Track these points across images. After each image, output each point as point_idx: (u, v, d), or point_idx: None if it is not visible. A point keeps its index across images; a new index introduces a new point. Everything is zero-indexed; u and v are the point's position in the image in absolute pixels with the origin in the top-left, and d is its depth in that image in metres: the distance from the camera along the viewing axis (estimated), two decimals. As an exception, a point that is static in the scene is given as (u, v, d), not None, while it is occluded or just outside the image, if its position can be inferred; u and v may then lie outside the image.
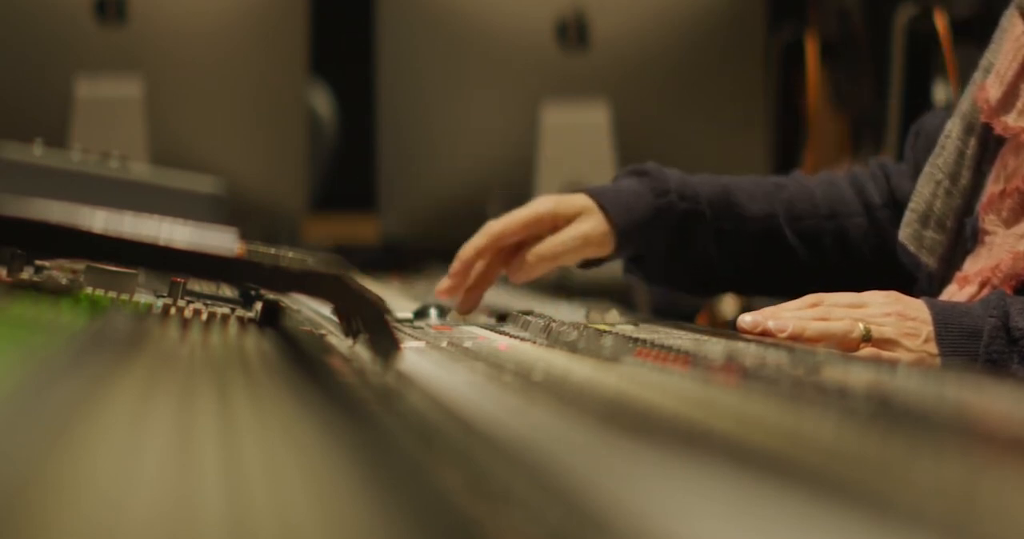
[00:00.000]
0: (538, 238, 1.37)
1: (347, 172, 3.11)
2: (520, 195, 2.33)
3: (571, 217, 1.38)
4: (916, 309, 1.16)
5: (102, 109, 2.32)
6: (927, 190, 1.32)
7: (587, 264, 1.42)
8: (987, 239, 1.25)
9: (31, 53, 2.34)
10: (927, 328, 1.15)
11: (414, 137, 2.42)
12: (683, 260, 1.43)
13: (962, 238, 1.29)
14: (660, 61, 2.38)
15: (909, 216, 1.33)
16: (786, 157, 3.03)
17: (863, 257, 1.45)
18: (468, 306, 1.38)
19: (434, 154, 2.41)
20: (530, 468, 0.52)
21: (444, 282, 1.37)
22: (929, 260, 1.30)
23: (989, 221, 1.25)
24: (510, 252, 1.38)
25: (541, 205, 1.38)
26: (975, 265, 1.25)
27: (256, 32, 2.42)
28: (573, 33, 2.37)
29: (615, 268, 1.49)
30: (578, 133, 2.35)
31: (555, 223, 1.38)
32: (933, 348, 1.14)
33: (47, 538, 0.37)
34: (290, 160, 2.47)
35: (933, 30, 2.49)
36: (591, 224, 1.38)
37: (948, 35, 2.46)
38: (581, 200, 1.40)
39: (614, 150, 2.34)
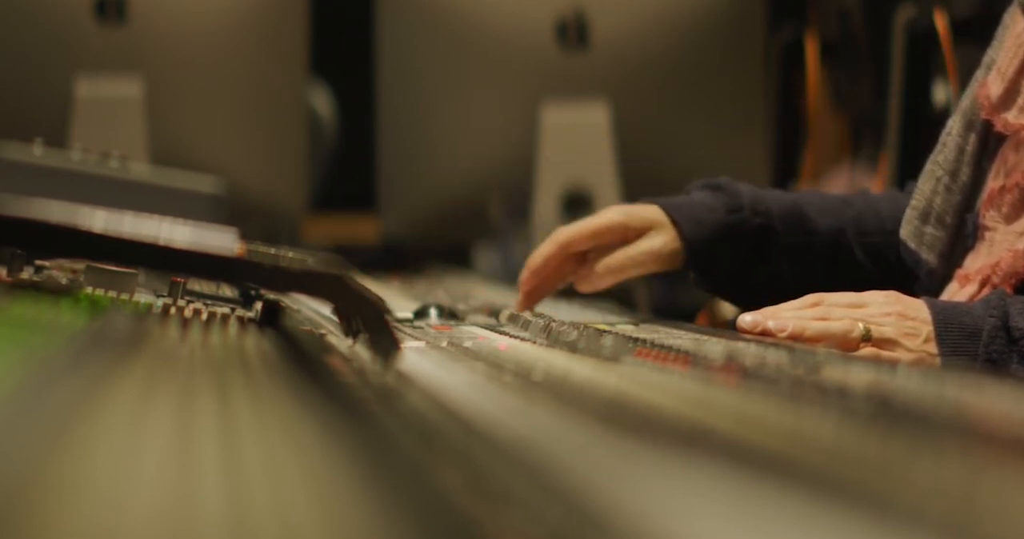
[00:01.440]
0: (607, 248, 1.37)
1: (347, 172, 3.11)
2: (520, 195, 2.34)
3: (642, 230, 1.37)
4: (916, 309, 1.16)
5: (102, 109, 2.32)
6: (927, 187, 1.32)
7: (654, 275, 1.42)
8: (987, 235, 1.25)
9: (31, 53, 2.34)
10: (927, 328, 1.15)
11: (414, 137, 2.42)
12: (753, 275, 1.42)
13: (962, 235, 1.29)
14: (660, 61, 2.38)
15: (910, 213, 1.33)
16: (786, 157, 3.03)
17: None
18: (527, 306, 1.37)
19: (434, 154, 2.41)
20: (530, 468, 0.52)
21: (520, 294, 1.37)
22: (929, 257, 1.30)
23: (989, 217, 1.25)
24: (577, 260, 1.38)
25: (612, 215, 1.37)
26: (975, 263, 1.25)
27: (256, 32, 2.42)
28: (573, 33, 2.37)
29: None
30: (578, 133, 2.35)
31: (625, 235, 1.37)
32: (933, 348, 1.14)
33: (47, 538, 0.37)
34: (290, 160, 2.47)
35: (933, 30, 2.49)
36: (662, 240, 1.37)
37: (948, 35, 2.45)
38: (653, 213, 1.38)
39: (614, 150, 2.34)
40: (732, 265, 1.41)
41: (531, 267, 1.36)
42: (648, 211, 1.39)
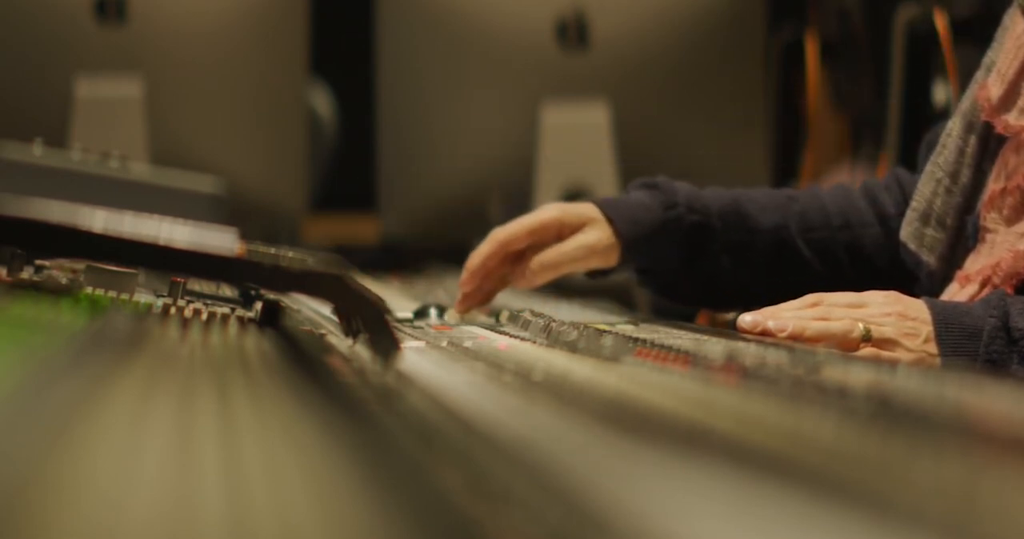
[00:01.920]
0: (543, 245, 1.37)
1: (347, 172, 3.11)
2: (520, 195, 2.34)
3: (577, 226, 1.38)
4: (916, 309, 1.16)
5: (102, 109, 2.32)
6: (928, 188, 1.32)
7: (594, 274, 1.43)
8: (988, 237, 1.25)
9: (31, 53, 2.34)
10: (927, 328, 1.15)
11: (414, 137, 2.42)
12: (695, 273, 1.43)
13: (963, 236, 1.29)
14: (660, 61, 2.38)
15: (910, 215, 1.33)
16: (786, 157, 3.03)
17: (878, 268, 1.45)
18: (467, 307, 1.38)
19: (434, 154, 2.41)
20: (530, 468, 0.52)
21: (459, 297, 1.38)
22: (929, 258, 1.31)
23: (990, 219, 1.25)
24: (515, 258, 1.39)
25: (547, 213, 1.39)
26: (976, 264, 1.25)
27: (256, 32, 2.42)
28: (573, 33, 2.37)
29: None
30: (578, 133, 2.35)
31: (560, 231, 1.38)
32: (933, 348, 1.14)
33: (47, 538, 0.37)
34: (290, 160, 2.47)
35: (933, 30, 2.49)
36: (596, 235, 1.38)
37: (948, 35, 2.46)
38: (588, 209, 1.40)
39: (614, 150, 2.34)
40: (671, 263, 1.42)
41: (470, 268, 1.38)
42: (583, 208, 1.40)
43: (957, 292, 1.26)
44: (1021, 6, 1.27)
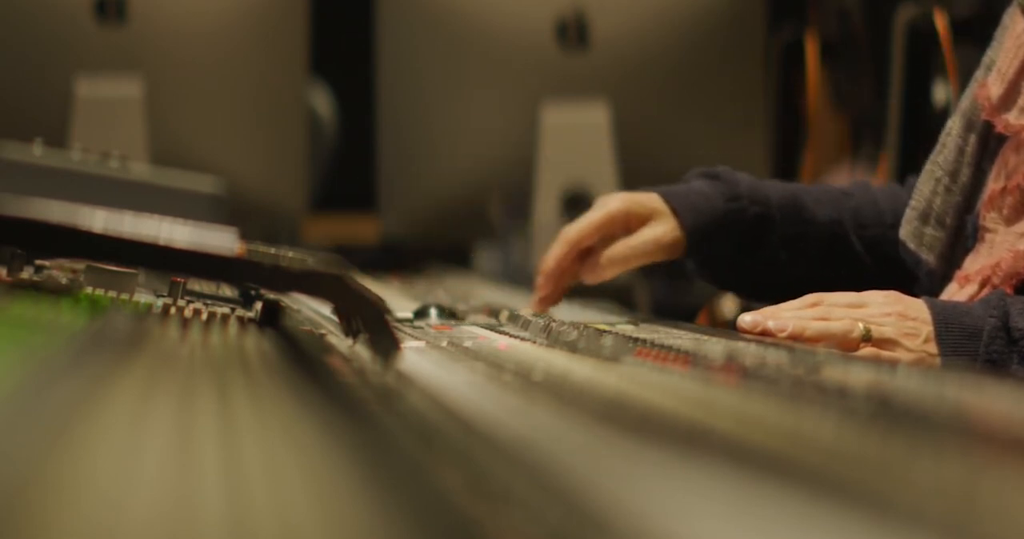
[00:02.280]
0: (612, 239, 1.38)
1: (347, 172, 3.11)
2: (520, 195, 2.34)
3: (645, 218, 1.39)
4: (916, 309, 1.16)
5: (102, 109, 2.32)
6: (927, 187, 1.32)
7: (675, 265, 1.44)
8: (988, 237, 1.25)
9: (31, 53, 2.34)
10: (927, 328, 1.15)
11: (414, 137, 2.42)
12: (751, 264, 1.43)
13: (962, 236, 1.29)
14: (660, 61, 2.38)
15: (909, 213, 1.33)
16: (786, 157, 3.03)
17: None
18: (543, 308, 1.39)
19: (434, 154, 2.41)
20: (530, 468, 0.52)
21: (535, 298, 1.39)
22: (929, 257, 1.30)
23: (990, 219, 1.25)
24: (585, 253, 1.39)
25: (613, 205, 1.39)
26: (975, 263, 1.25)
27: (256, 32, 2.42)
28: (573, 33, 2.37)
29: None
30: (578, 133, 2.35)
31: (627, 224, 1.38)
32: (933, 348, 1.14)
33: (47, 538, 0.37)
34: (290, 160, 2.47)
35: (933, 30, 2.49)
36: (664, 228, 1.38)
37: (948, 35, 2.45)
38: (654, 201, 1.40)
39: (614, 150, 2.34)
40: (729, 254, 1.42)
41: (545, 271, 1.38)
42: (649, 199, 1.40)
43: (956, 292, 1.26)
44: (1021, 5, 1.27)
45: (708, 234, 1.39)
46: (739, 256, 1.43)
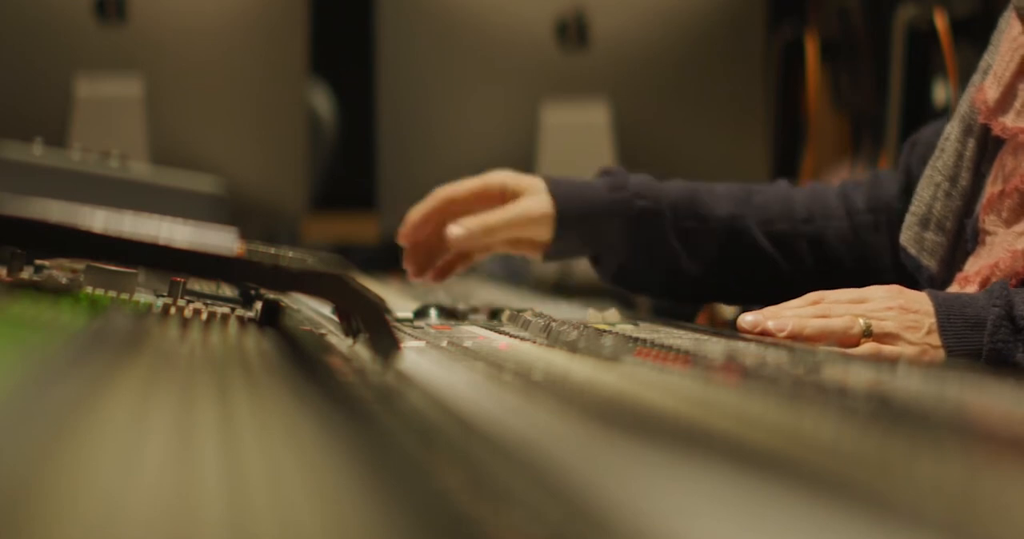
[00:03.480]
0: (486, 209, 1.40)
1: (347, 172, 3.11)
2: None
3: (520, 193, 1.41)
4: (918, 302, 1.16)
5: (102, 109, 2.32)
6: (927, 193, 1.32)
7: (548, 256, 1.44)
8: (988, 239, 1.25)
9: (31, 53, 2.34)
10: (929, 320, 1.15)
11: (414, 137, 2.42)
12: (651, 262, 1.44)
13: (962, 240, 1.29)
14: (660, 61, 2.38)
15: (909, 219, 1.33)
16: (786, 157, 3.03)
17: (842, 262, 1.46)
18: (417, 270, 1.40)
19: (434, 154, 2.41)
20: (530, 468, 0.52)
21: (405, 256, 1.43)
22: (930, 262, 1.30)
23: (990, 222, 1.25)
24: (456, 216, 1.41)
25: (492, 177, 1.42)
26: (975, 265, 1.25)
27: (256, 32, 2.42)
28: (573, 33, 2.37)
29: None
30: (578, 133, 2.35)
31: (503, 196, 1.41)
32: (936, 340, 1.14)
33: (47, 538, 0.37)
34: (290, 160, 2.47)
35: (933, 30, 2.49)
36: (534, 202, 1.41)
37: (948, 35, 2.45)
38: (534, 180, 1.43)
39: (614, 150, 2.34)
40: (622, 249, 1.43)
41: (411, 221, 1.40)
42: (530, 179, 1.43)
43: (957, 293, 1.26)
44: (1017, 9, 1.27)
45: (585, 221, 1.41)
46: (634, 253, 1.44)
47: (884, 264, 1.45)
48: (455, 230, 1.38)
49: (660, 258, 1.44)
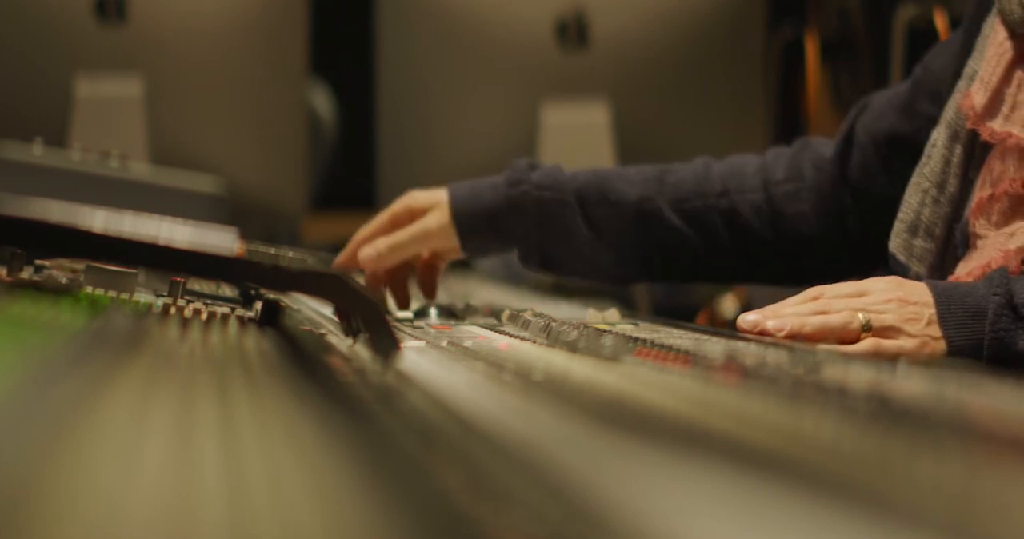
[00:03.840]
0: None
1: (347, 172, 3.11)
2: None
3: (426, 210, 1.45)
4: (918, 293, 1.16)
5: (102, 109, 2.32)
6: (915, 200, 1.32)
7: (469, 255, 1.48)
8: (979, 243, 1.25)
9: (31, 53, 2.34)
10: (929, 311, 1.14)
11: (414, 137, 2.42)
12: (569, 249, 1.46)
13: (951, 245, 1.28)
14: (660, 61, 2.38)
15: (898, 226, 1.33)
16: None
17: (760, 235, 1.46)
18: (399, 303, 1.44)
19: (434, 154, 2.41)
20: (530, 468, 0.52)
21: None
22: (919, 269, 1.30)
23: (980, 225, 1.25)
24: None
25: (398, 203, 1.46)
26: (966, 267, 1.25)
27: (256, 32, 2.42)
28: (573, 33, 2.37)
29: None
30: (578, 133, 2.35)
31: (412, 218, 1.45)
32: (936, 331, 1.14)
33: (47, 538, 0.37)
34: (290, 160, 2.47)
35: (933, 30, 2.49)
36: (433, 217, 1.45)
37: (948, 35, 2.45)
38: (438, 194, 1.46)
39: (614, 150, 2.34)
40: (533, 239, 1.45)
41: (336, 267, 1.43)
42: (432, 194, 1.47)
43: None
44: (1001, 13, 1.27)
45: (488, 220, 1.44)
46: (553, 244, 1.46)
47: (805, 235, 1.45)
48: (366, 250, 1.42)
49: (579, 245, 1.46)
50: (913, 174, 1.33)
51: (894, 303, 1.15)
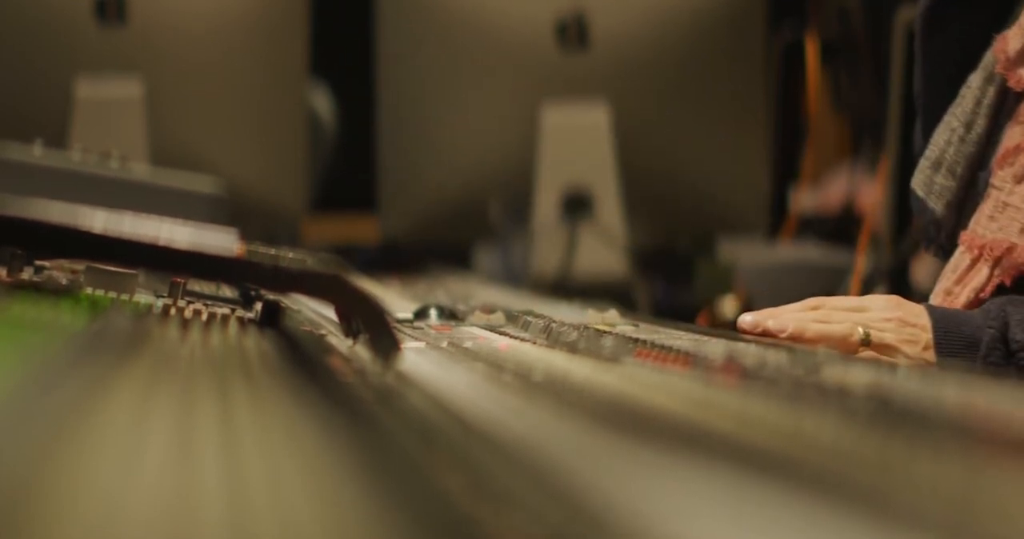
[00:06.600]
0: None
1: (347, 172, 3.11)
2: (520, 196, 2.34)
3: None
4: (916, 315, 1.16)
5: (102, 109, 2.32)
6: (942, 138, 1.31)
7: None
8: (994, 194, 1.24)
9: (31, 53, 2.34)
10: (926, 335, 1.14)
11: (414, 137, 2.42)
12: None
13: (974, 191, 1.27)
14: (660, 61, 2.38)
15: (922, 163, 1.32)
16: (786, 158, 3.03)
17: None
18: None
19: (434, 154, 2.41)
20: (530, 468, 0.52)
21: None
22: (937, 205, 1.29)
23: (999, 177, 1.24)
24: None
25: None
26: (988, 227, 1.23)
27: (256, 32, 2.42)
28: (573, 33, 2.37)
29: (615, 268, 1.49)
30: (578, 133, 2.35)
31: None
32: (931, 356, 1.14)
33: (47, 538, 0.37)
34: (290, 160, 2.47)
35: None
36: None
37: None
38: None
39: (614, 150, 2.34)
40: None
41: None
42: None
43: (961, 254, 1.24)
44: None
45: None
46: None
47: None
48: None
49: None
50: (946, 113, 1.32)
51: (894, 322, 1.15)
